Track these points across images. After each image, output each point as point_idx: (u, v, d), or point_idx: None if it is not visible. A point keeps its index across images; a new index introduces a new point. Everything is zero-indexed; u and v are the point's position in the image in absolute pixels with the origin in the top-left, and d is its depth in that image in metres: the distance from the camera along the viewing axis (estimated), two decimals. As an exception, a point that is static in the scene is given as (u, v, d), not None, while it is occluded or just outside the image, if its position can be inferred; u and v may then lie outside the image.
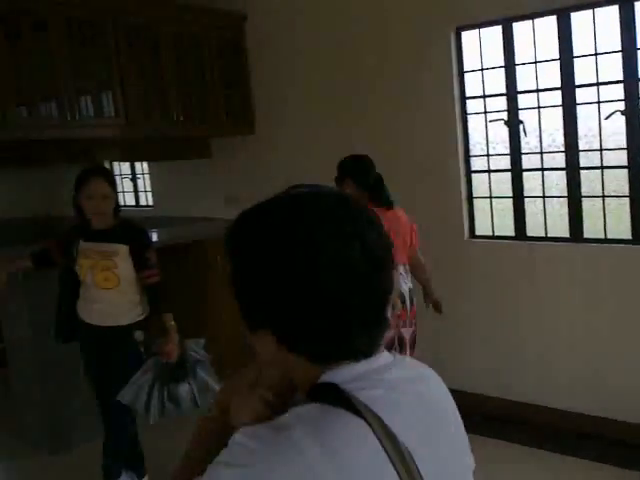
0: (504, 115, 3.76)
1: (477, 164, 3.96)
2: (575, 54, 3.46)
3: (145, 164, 5.84)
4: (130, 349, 3.00)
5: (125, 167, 6.13)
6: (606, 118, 3.41)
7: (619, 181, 3.51)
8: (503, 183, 3.87)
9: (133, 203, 6.07)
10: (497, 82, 3.77)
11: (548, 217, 3.72)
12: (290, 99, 4.65)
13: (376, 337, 0.90)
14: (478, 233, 4.00)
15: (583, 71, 3.46)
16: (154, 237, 4.46)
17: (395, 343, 3.19)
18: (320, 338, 0.85)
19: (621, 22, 3.31)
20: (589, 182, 3.60)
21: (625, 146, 3.40)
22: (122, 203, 5.94)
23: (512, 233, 3.84)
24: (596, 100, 3.44)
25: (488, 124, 3.84)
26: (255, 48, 4.77)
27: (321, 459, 0.78)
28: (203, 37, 4.53)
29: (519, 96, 3.71)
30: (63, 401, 3.74)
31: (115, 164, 6.18)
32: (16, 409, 3.99)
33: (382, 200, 3.19)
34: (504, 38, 3.68)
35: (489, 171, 3.92)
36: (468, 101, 3.90)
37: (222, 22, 4.67)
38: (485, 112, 3.83)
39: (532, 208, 3.81)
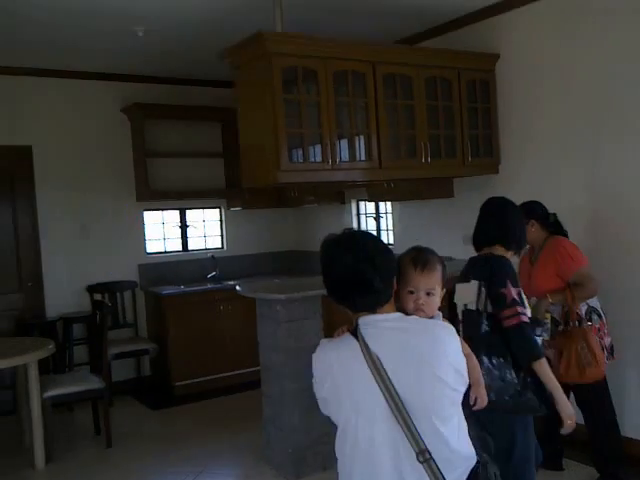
0: None
1: None
2: None
3: (389, 203, 6.12)
4: None
5: (370, 206, 6.47)
6: None
7: None
8: None
9: (375, 240, 6.37)
10: None
11: None
12: (536, 138, 4.61)
13: (365, 303, 1.77)
14: None
15: None
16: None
17: (605, 351, 3.57)
18: (344, 301, 1.79)
19: None
20: None
21: None
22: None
23: None
24: None
25: None
26: (504, 87, 4.83)
27: (331, 354, 1.80)
28: (454, 79, 4.70)
29: None
30: (305, 429, 3.88)
31: (361, 203, 6.56)
32: (263, 431, 4.26)
33: (562, 233, 3.75)
34: None
35: None
36: None
37: (475, 64, 4.80)
38: None
39: None
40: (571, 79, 4.36)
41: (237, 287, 4.47)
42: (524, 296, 2.77)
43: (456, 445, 1.73)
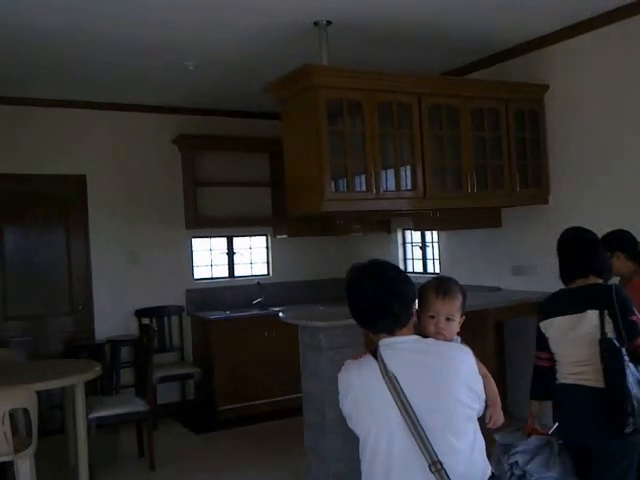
0: None
1: None
2: None
3: (435, 232, 6.09)
4: None
5: (416, 235, 6.45)
6: None
7: None
8: None
9: (421, 270, 6.34)
10: None
11: None
12: (587, 168, 4.55)
13: (385, 326, 1.97)
14: None
15: None
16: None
17: None
18: (366, 325, 2.01)
19: None
20: None
21: None
22: (410, 270, 6.27)
23: None
24: None
25: None
26: (554, 117, 4.78)
27: (353, 373, 1.98)
28: (501, 110, 4.69)
29: None
30: (345, 458, 3.79)
31: (407, 232, 6.55)
32: (305, 460, 4.24)
33: None
34: None
35: None
36: None
37: (523, 94, 4.78)
38: None
39: None
40: (620, 109, 4.31)
41: (280, 314, 4.51)
42: None
43: (470, 459, 1.91)
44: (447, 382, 1.90)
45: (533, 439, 2.76)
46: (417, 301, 2.07)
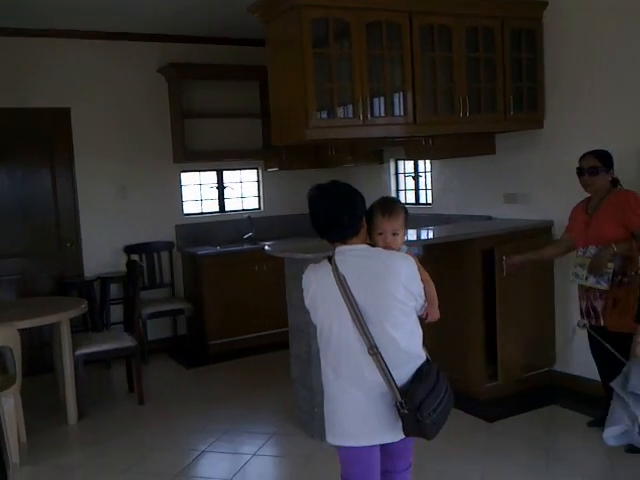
0: None
1: None
2: None
3: (427, 162, 5.92)
4: None
5: (409, 165, 6.28)
6: None
7: None
8: None
9: (413, 201, 6.20)
10: None
11: None
12: (585, 92, 4.34)
13: (337, 235, 2.34)
14: None
15: None
16: (430, 234, 4.52)
17: None
18: (324, 235, 2.37)
19: None
20: None
21: None
22: (403, 201, 6.12)
23: None
24: None
25: None
26: (552, 37, 4.53)
27: (311, 274, 2.41)
28: (497, 29, 4.43)
29: None
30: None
31: (400, 163, 6.37)
32: (293, 391, 4.22)
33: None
34: None
35: None
36: None
37: (520, 12, 4.52)
38: None
39: None
40: (621, 30, 4.07)
41: (266, 247, 4.40)
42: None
43: (406, 346, 2.31)
44: (384, 282, 2.28)
45: None
46: (366, 219, 2.39)
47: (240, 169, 6.88)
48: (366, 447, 2.35)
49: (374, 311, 2.26)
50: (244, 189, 6.96)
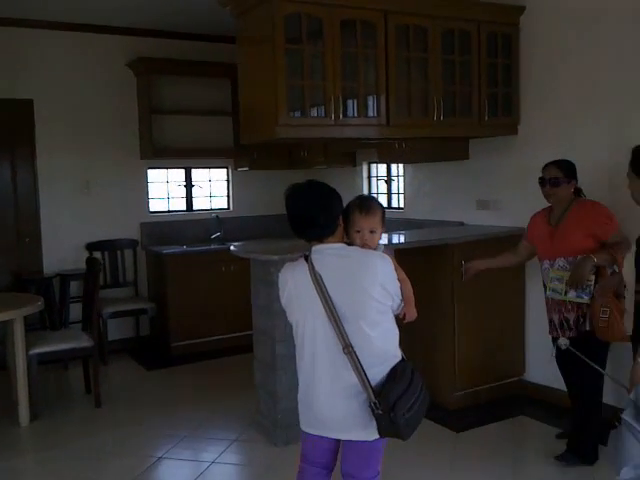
0: None
1: None
2: None
3: (400, 166, 5.84)
4: None
5: (382, 169, 6.19)
6: None
7: None
8: None
9: (385, 205, 6.11)
10: None
11: None
12: (560, 98, 4.30)
13: (314, 234, 2.34)
14: None
15: None
16: (401, 239, 4.43)
17: None
18: (301, 235, 2.36)
19: None
20: None
21: None
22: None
23: None
24: None
25: None
26: (528, 43, 4.49)
27: (288, 273, 2.42)
28: (474, 32, 4.37)
29: None
30: (294, 395, 3.71)
31: (372, 166, 6.28)
32: (255, 396, 4.11)
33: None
34: None
35: None
36: None
37: (498, 16, 4.45)
38: None
39: None
40: (598, 36, 4.03)
41: (232, 247, 4.27)
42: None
43: (381, 345, 2.32)
44: (360, 280, 2.28)
45: None
46: (343, 218, 2.38)
47: (209, 167, 6.74)
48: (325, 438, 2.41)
49: (350, 309, 2.26)
50: (213, 188, 6.81)
